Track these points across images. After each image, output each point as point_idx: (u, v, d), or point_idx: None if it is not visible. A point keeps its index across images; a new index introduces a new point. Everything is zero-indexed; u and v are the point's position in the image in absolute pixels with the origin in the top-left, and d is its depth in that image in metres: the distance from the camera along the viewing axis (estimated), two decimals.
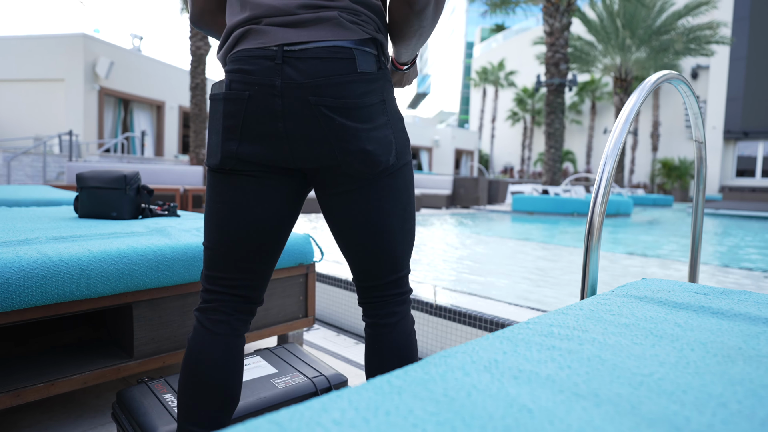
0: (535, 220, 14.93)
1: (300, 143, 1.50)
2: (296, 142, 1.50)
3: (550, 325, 1.10)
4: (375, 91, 1.52)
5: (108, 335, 2.74)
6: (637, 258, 7.43)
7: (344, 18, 1.49)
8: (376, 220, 1.60)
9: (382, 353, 1.70)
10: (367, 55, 1.51)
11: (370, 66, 1.51)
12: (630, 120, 1.94)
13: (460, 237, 9.78)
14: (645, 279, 1.70)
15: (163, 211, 3.54)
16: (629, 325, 1.13)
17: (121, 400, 2.19)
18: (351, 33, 1.49)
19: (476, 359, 0.89)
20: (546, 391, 0.75)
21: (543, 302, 4.31)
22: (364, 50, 1.50)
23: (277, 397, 2.25)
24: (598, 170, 1.90)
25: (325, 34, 1.47)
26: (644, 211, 21.65)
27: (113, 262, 2.29)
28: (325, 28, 1.47)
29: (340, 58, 1.46)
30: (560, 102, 19.87)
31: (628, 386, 0.78)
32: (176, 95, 25.90)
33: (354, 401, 0.70)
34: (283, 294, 3.04)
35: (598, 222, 1.87)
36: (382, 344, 1.70)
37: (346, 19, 1.49)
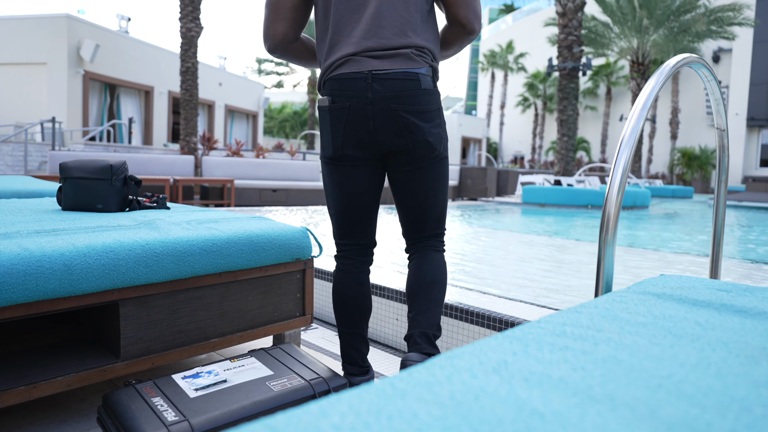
0: (546, 212, 14.92)
1: (384, 135, 2.41)
2: (381, 134, 2.41)
3: (562, 324, 1.10)
4: (433, 101, 2.43)
5: (93, 335, 2.74)
6: (655, 253, 7.43)
7: (413, 54, 2.38)
8: (428, 190, 2.57)
9: (425, 268, 2.64)
10: (427, 78, 2.40)
11: (429, 84, 2.41)
12: (647, 106, 1.93)
13: (466, 231, 9.78)
14: (663, 275, 1.70)
15: (151, 203, 3.54)
16: (647, 324, 1.13)
17: (107, 404, 2.20)
18: (417, 64, 2.38)
19: (484, 360, 0.89)
20: (558, 395, 0.75)
21: (555, 300, 4.31)
22: (425, 74, 2.40)
23: (272, 400, 2.25)
24: (613, 159, 1.90)
25: (401, 65, 2.36)
26: (663, 203, 21.64)
27: (99, 258, 2.29)
28: (401, 60, 2.36)
29: (411, 79, 2.36)
30: (573, 87, 19.84)
31: (646, 389, 0.78)
32: (166, 80, 25.89)
33: (354, 405, 0.70)
34: (279, 291, 3.05)
35: (614, 215, 1.87)
36: (427, 263, 2.65)
37: (414, 54, 2.38)
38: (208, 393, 2.22)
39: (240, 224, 2.97)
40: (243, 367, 2.49)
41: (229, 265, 2.74)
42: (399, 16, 2.38)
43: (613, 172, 1.87)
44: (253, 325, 2.95)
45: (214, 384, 2.27)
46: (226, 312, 2.81)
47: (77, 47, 21.52)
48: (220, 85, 29.92)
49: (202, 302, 2.70)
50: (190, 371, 2.38)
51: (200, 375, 2.34)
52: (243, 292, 2.88)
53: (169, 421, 2.03)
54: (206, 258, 2.63)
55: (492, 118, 56.59)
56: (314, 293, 4.30)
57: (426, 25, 2.45)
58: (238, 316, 2.87)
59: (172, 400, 2.16)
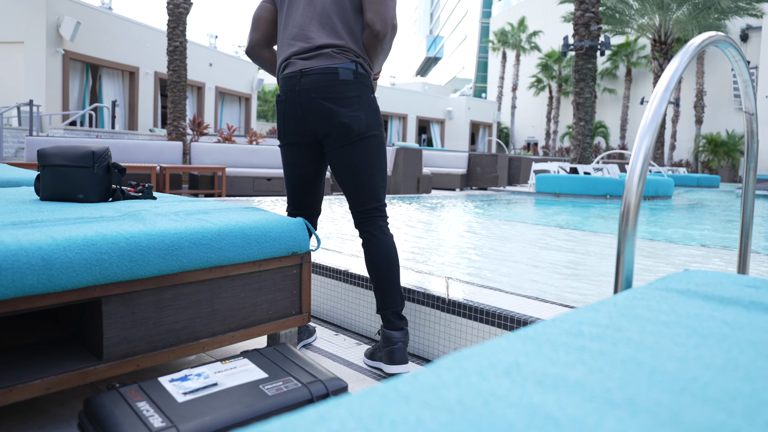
0: (562, 203, 14.91)
1: (310, 121, 3.15)
2: (309, 120, 3.15)
3: (579, 323, 1.10)
4: (352, 89, 3.09)
5: (74, 334, 2.74)
6: (679, 246, 7.43)
7: (333, 52, 3.10)
8: (358, 166, 3.18)
9: (376, 253, 3.23)
10: (347, 71, 3.08)
11: (348, 76, 3.08)
12: (670, 88, 1.93)
13: (476, 222, 9.78)
14: (688, 270, 1.70)
15: (136, 193, 3.54)
16: (670, 322, 1.13)
17: (89, 409, 2.20)
18: (337, 60, 3.08)
19: (495, 362, 0.88)
20: (575, 399, 0.75)
21: (571, 297, 4.31)
22: (345, 68, 3.07)
23: (266, 405, 2.26)
24: (634, 146, 1.90)
25: (323, 62, 3.08)
26: (687, 193, 21.62)
27: (80, 251, 2.28)
28: (323, 58, 3.09)
29: (330, 73, 3.06)
30: (591, 68, 19.79)
31: (669, 393, 0.78)
32: (152, 60, 25.89)
33: (355, 410, 0.69)
34: (274, 287, 3.05)
35: (635, 205, 1.86)
36: (375, 247, 3.24)
37: (335, 53, 3.11)
38: (198, 397, 2.22)
39: (232, 215, 2.97)
40: (235, 369, 2.50)
41: (220, 260, 2.74)
42: (323, 22, 3.15)
43: (633, 159, 1.86)
44: (245, 324, 2.95)
45: (204, 387, 2.28)
46: (216, 310, 2.81)
47: (56, 25, 21.51)
48: (210, 65, 29.92)
49: (191, 299, 2.70)
50: (178, 374, 2.38)
51: (189, 378, 2.34)
52: (235, 289, 2.88)
53: (155, 428, 2.03)
54: (195, 252, 2.63)
55: (503, 102, 56.55)
56: (312, 290, 4.30)
57: (349, 29, 3.17)
58: (230, 314, 2.87)
59: (159, 404, 2.16)
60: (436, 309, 3.48)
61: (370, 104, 3.17)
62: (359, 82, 3.13)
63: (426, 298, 3.54)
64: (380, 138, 3.23)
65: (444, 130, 46.64)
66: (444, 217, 10.38)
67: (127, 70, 25.20)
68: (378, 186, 3.25)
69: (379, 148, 3.23)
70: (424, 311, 3.54)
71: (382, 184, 3.27)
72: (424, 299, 3.54)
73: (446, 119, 46.57)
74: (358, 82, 3.12)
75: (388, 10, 3.08)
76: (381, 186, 3.27)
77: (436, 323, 3.49)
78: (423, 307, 3.55)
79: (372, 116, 3.16)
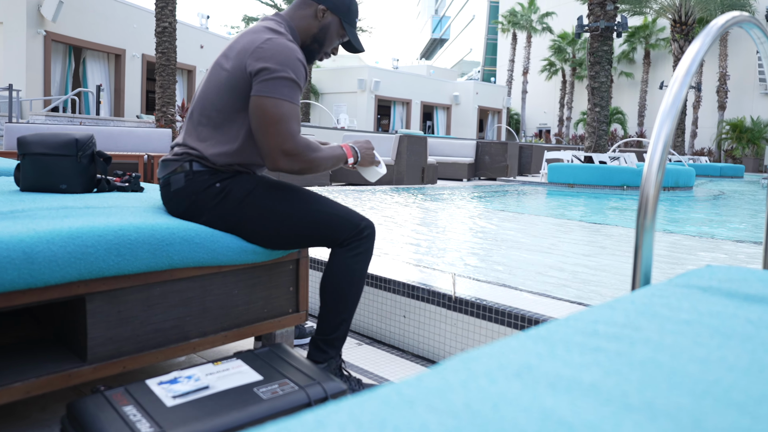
0: (576, 194, 14.91)
1: None
2: None
3: (594, 322, 1.10)
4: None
5: (56, 334, 2.75)
6: (701, 240, 7.43)
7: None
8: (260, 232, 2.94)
9: (329, 273, 2.98)
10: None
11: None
12: (692, 72, 1.92)
13: (484, 215, 9.79)
14: (710, 266, 1.70)
15: (123, 184, 3.54)
16: (691, 321, 1.13)
17: (72, 414, 2.20)
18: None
19: (504, 363, 0.88)
20: (590, 402, 0.75)
21: (585, 294, 4.31)
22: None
23: (261, 410, 2.26)
24: (652, 133, 1.89)
25: None
26: (709, 183, 21.61)
27: (64, 244, 2.28)
28: None
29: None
30: (607, 50, 19.75)
31: (690, 396, 0.78)
32: (139, 42, 25.87)
33: (356, 415, 0.69)
34: (269, 284, 3.05)
35: (653, 196, 1.86)
36: (330, 266, 2.99)
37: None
38: (188, 401, 2.22)
39: None
40: (228, 371, 2.50)
41: (212, 260, 2.74)
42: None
43: (652, 147, 1.86)
44: (239, 323, 2.95)
45: (195, 391, 2.28)
46: (208, 308, 2.81)
47: (37, 4, 21.49)
48: (201, 47, 29.91)
49: (180, 297, 2.70)
50: (167, 376, 2.38)
51: (179, 380, 2.34)
52: (228, 286, 2.88)
53: None
54: (187, 249, 2.63)
55: (513, 86, 56.47)
56: (309, 286, 4.30)
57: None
58: (222, 312, 2.87)
59: (147, 409, 2.16)
60: (442, 307, 3.48)
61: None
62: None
63: (431, 296, 3.54)
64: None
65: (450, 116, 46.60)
66: (450, 210, 10.38)
67: (113, 52, 25.18)
68: (301, 233, 2.94)
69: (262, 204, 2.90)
70: (429, 309, 3.54)
71: (310, 228, 2.94)
72: (430, 297, 3.54)
73: (453, 105, 46.54)
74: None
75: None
76: (310, 229, 2.94)
77: (441, 322, 3.49)
78: (428, 305, 3.55)
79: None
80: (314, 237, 2.94)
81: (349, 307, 3.00)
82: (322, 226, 2.90)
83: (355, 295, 3.00)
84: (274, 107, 2.71)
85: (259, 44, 2.78)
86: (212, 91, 2.89)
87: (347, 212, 2.96)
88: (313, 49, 3.06)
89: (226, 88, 2.83)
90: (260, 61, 2.73)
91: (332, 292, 2.96)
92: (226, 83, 2.83)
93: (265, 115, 2.71)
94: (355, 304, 3.02)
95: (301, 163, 2.77)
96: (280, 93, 2.72)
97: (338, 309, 2.98)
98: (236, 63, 2.81)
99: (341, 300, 2.97)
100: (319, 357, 2.95)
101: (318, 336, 2.99)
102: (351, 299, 2.99)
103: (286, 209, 2.87)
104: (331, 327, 2.97)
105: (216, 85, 2.88)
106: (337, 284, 2.96)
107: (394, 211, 9.31)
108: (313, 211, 2.90)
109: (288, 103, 2.74)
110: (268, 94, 2.71)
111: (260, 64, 2.73)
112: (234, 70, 2.81)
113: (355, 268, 2.96)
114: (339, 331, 2.98)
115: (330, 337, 2.97)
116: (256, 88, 2.73)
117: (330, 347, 2.97)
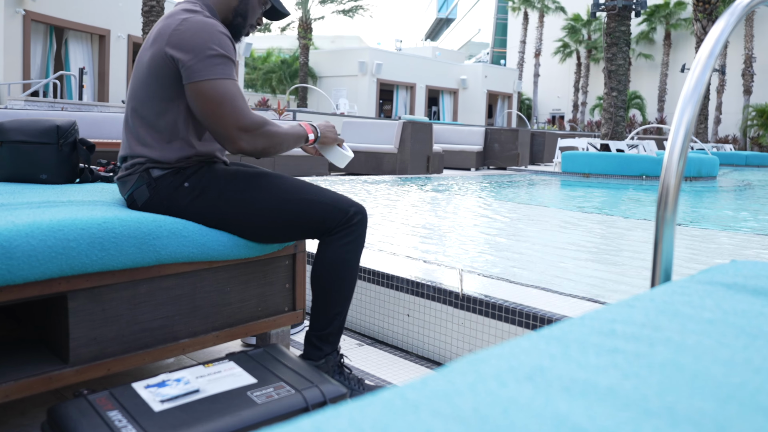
0: (591, 184, 14.91)
1: None
2: None
3: (611, 321, 1.10)
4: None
5: (36, 334, 2.75)
6: (725, 234, 7.42)
7: None
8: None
9: (319, 265, 2.95)
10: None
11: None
12: (715, 54, 1.92)
13: (493, 207, 9.78)
14: (735, 261, 1.70)
15: (107, 173, 3.54)
16: (715, 320, 1.13)
17: (53, 419, 2.20)
18: None
19: (515, 365, 0.88)
20: (606, 407, 0.75)
21: (602, 291, 4.31)
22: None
23: (255, 415, 2.26)
24: (673, 120, 1.89)
25: None
26: (734, 173, 21.59)
27: (44, 238, 2.27)
28: None
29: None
30: (624, 30, 19.71)
31: (714, 400, 0.78)
32: (125, 22, 25.82)
33: (356, 420, 0.69)
34: (264, 281, 3.05)
35: (674, 187, 1.86)
36: (320, 258, 2.95)
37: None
38: (177, 405, 2.22)
39: None
40: (219, 373, 2.50)
41: (203, 255, 2.74)
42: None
43: (673, 134, 1.86)
44: (231, 322, 2.95)
45: (185, 395, 2.28)
46: (198, 306, 2.81)
47: None
48: None
49: (169, 294, 2.70)
50: (154, 379, 2.38)
51: (167, 383, 2.34)
52: (219, 282, 2.88)
53: None
54: (175, 243, 2.62)
55: (524, 69, 56.33)
56: (306, 283, 4.30)
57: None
58: (214, 311, 2.87)
59: (133, 414, 2.16)
60: (448, 305, 3.48)
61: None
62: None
63: (437, 293, 3.54)
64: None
65: (457, 101, 46.54)
66: (457, 201, 10.38)
67: (97, 33, 25.15)
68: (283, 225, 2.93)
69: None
70: (434, 308, 3.55)
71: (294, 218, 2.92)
72: (435, 294, 3.54)
73: (460, 89, 46.48)
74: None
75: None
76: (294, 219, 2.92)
77: (448, 321, 3.49)
78: (433, 303, 3.55)
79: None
80: (302, 227, 2.92)
81: (342, 300, 2.98)
82: (308, 214, 2.87)
83: (348, 287, 2.98)
84: (212, 89, 2.68)
85: (175, 26, 2.73)
86: (138, 88, 2.86)
87: (335, 197, 2.93)
88: (237, 24, 3.00)
89: (149, 80, 2.80)
90: (181, 43, 2.70)
91: (324, 285, 2.94)
92: (147, 74, 2.80)
93: (207, 100, 2.68)
94: (350, 296, 3.01)
95: (262, 139, 2.78)
96: (213, 73, 2.68)
97: (331, 302, 2.96)
98: (154, 50, 2.77)
99: (334, 293, 2.96)
100: (314, 354, 2.93)
101: (312, 332, 2.97)
102: (345, 291, 2.98)
103: (265, 199, 2.84)
104: (325, 322, 2.95)
105: (139, 80, 2.85)
106: (329, 276, 2.93)
107: (396, 202, 9.31)
108: (297, 200, 2.86)
109: (226, 81, 2.71)
110: (202, 77, 2.67)
111: (182, 47, 2.69)
112: (153, 58, 2.77)
113: (347, 257, 2.94)
114: (333, 325, 2.96)
115: (324, 333, 2.95)
116: (186, 74, 2.69)
117: (325, 343, 2.95)
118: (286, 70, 46.39)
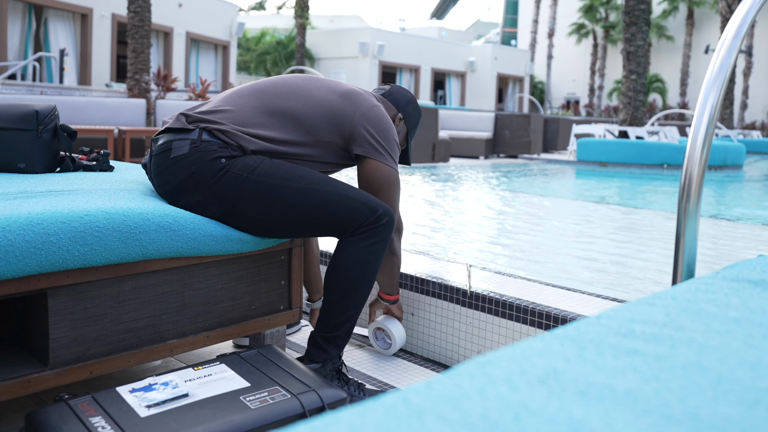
0: (609, 173, 14.90)
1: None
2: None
3: (630, 321, 1.10)
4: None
5: (14, 335, 2.75)
6: (752, 227, 7.42)
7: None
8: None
9: (335, 263, 2.99)
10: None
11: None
12: (741, 34, 1.92)
13: (503, 198, 9.78)
14: (763, 256, 1.69)
15: (90, 162, 3.53)
16: (741, 320, 1.12)
17: (32, 425, 2.20)
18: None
19: (527, 368, 0.88)
20: (625, 413, 0.75)
21: (620, 289, 4.31)
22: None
23: (248, 421, 2.26)
24: (696, 105, 1.89)
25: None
26: (761, 161, 21.56)
27: (22, 232, 2.27)
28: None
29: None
30: (644, 9, 19.69)
31: (739, 405, 0.78)
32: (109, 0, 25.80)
33: (356, 427, 0.69)
34: (258, 277, 3.05)
35: (698, 177, 1.86)
36: (337, 257, 2.99)
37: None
38: (165, 411, 2.22)
39: None
40: (210, 376, 2.50)
41: (193, 251, 2.73)
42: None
43: (696, 120, 1.86)
44: (223, 321, 2.95)
45: (172, 399, 2.28)
46: (187, 305, 2.81)
47: None
48: (180, 6, 29.83)
49: (156, 292, 2.70)
50: (140, 382, 2.38)
51: (154, 387, 2.35)
52: (210, 279, 2.88)
53: None
54: (163, 237, 2.62)
55: (537, 51, 56.26)
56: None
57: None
58: (204, 309, 2.87)
59: (117, 420, 2.16)
60: (456, 303, 3.49)
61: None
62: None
63: (443, 290, 3.54)
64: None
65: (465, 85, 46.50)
66: (465, 191, 10.38)
67: (79, 11, 25.13)
68: (310, 223, 3.01)
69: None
70: (440, 306, 3.55)
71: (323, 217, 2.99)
72: (441, 291, 3.54)
73: (468, 72, 46.42)
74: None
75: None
76: (323, 218, 2.98)
77: (455, 320, 3.49)
78: (439, 300, 3.55)
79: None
80: (326, 222, 2.94)
81: (357, 302, 3.00)
82: (336, 209, 2.90)
83: (365, 290, 2.99)
84: (388, 173, 3.10)
85: (371, 106, 3.09)
86: (308, 105, 3.04)
87: (364, 196, 2.96)
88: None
89: (327, 114, 3.03)
90: (370, 124, 3.04)
91: (340, 286, 2.96)
92: (328, 111, 3.04)
93: (383, 180, 3.09)
94: (365, 299, 3.02)
95: (395, 232, 3.30)
96: (392, 161, 3.11)
97: (345, 305, 2.97)
98: (345, 104, 3.06)
99: (350, 295, 2.97)
100: (317, 356, 2.94)
101: (319, 332, 2.98)
102: (360, 294, 2.99)
103: (295, 187, 2.86)
104: (335, 324, 2.97)
105: (317, 101, 3.05)
106: (347, 277, 2.95)
107: (401, 192, 9.26)
108: (328, 192, 2.90)
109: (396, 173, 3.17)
110: (383, 161, 3.07)
111: (369, 128, 3.03)
112: (340, 108, 3.04)
113: (369, 259, 2.95)
114: (343, 328, 2.98)
115: (333, 335, 2.97)
116: (369, 151, 3.04)
117: (332, 346, 2.97)
118: (282, 52, 46.33)
